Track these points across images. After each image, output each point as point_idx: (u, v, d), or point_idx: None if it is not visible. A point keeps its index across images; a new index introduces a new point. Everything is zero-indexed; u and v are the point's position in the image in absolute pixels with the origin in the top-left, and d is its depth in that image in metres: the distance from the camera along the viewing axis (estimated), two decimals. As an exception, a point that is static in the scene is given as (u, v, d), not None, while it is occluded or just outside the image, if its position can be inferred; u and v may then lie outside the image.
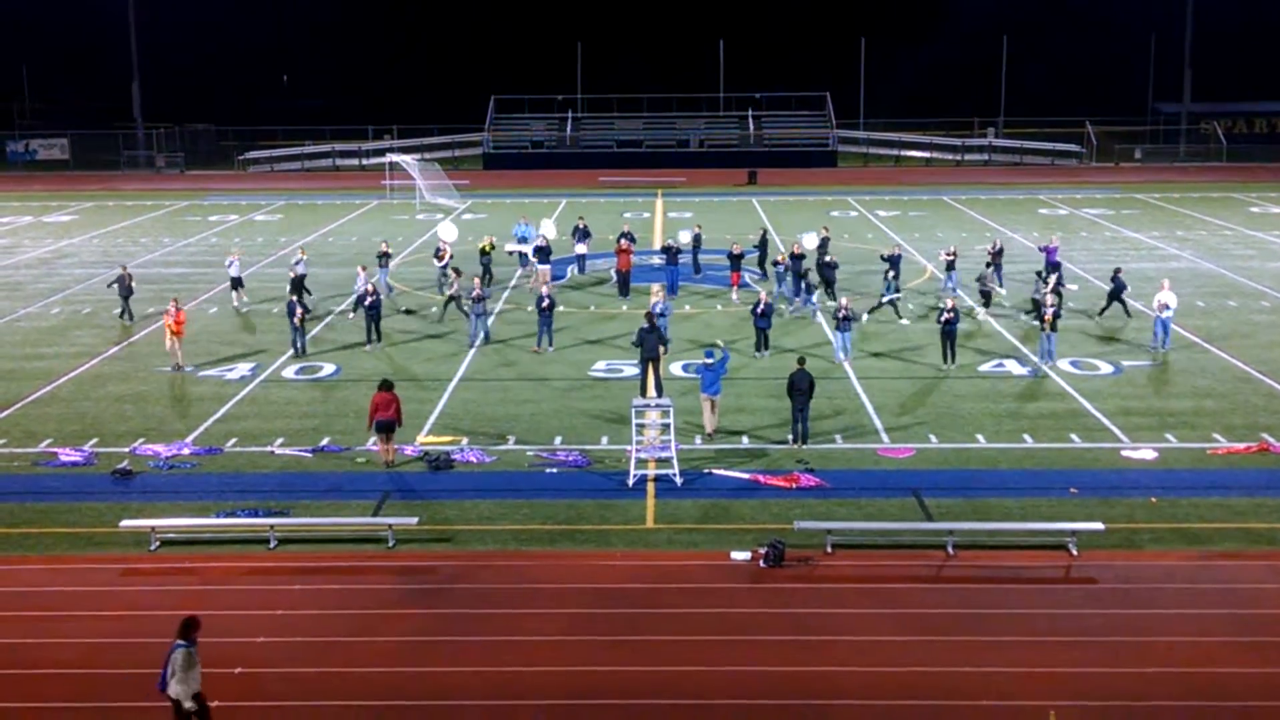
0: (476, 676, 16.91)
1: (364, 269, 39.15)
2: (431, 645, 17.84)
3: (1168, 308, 32.93)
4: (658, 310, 31.80)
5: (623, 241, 41.51)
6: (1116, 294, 37.11)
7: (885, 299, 37.30)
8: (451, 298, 37.42)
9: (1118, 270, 38.16)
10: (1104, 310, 37.38)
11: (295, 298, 33.48)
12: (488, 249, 42.27)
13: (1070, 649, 17.50)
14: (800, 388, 25.80)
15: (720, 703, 16.17)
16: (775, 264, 40.27)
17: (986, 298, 38.45)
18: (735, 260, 40.68)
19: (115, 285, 38.82)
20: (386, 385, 25.10)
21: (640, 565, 20.43)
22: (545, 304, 33.68)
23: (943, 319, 31.54)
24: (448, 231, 44.53)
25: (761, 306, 32.63)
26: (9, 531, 22.01)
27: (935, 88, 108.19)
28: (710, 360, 25.91)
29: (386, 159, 74.13)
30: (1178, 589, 19.53)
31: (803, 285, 38.26)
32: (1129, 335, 35.31)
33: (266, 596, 19.44)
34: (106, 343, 35.60)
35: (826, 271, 39.85)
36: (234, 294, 40.70)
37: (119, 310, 38.53)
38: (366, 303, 34.17)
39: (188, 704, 14.65)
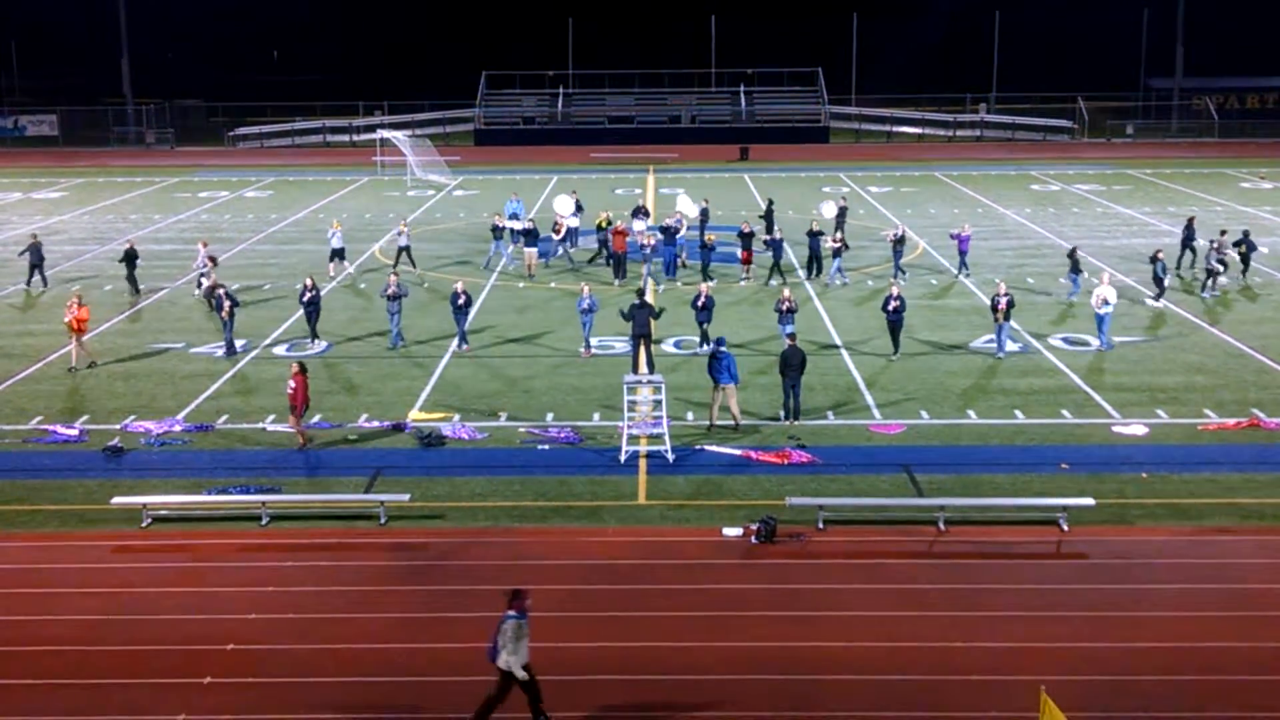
0: (469, 653, 16.88)
1: (205, 244, 39.00)
2: (423, 622, 17.86)
3: (1107, 303, 30.89)
4: (584, 306, 30.55)
5: (619, 223, 41.08)
6: (1247, 256, 38.24)
7: (1165, 281, 36.10)
8: (212, 288, 35.59)
9: (1246, 233, 39.32)
10: (1244, 272, 38.66)
11: (223, 291, 31.55)
12: (604, 225, 41.94)
13: (1061, 624, 17.55)
14: (792, 364, 25.81)
15: (712, 678, 16.20)
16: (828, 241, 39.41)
17: (1211, 275, 37.48)
18: (746, 239, 39.99)
19: (27, 254, 39.25)
20: (304, 368, 24.83)
21: (632, 541, 20.45)
22: (461, 301, 31.13)
23: (890, 307, 30.18)
24: (564, 205, 43.92)
25: (702, 299, 30.40)
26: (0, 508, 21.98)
27: (927, 64, 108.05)
28: (722, 349, 25.49)
29: (377, 135, 73.93)
30: (1168, 564, 19.58)
31: (1069, 266, 37.15)
32: (1121, 310, 35.30)
33: (258, 573, 19.43)
34: (97, 320, 35.47)
35: (814, 242, 39.55)
36: (331, 265, 41.07)
37: (27, 279, 39.30)
38: (305, 299, 31.84)
39: (520, 674, 14.65)
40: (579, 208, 45.22)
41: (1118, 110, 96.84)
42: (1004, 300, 30.13)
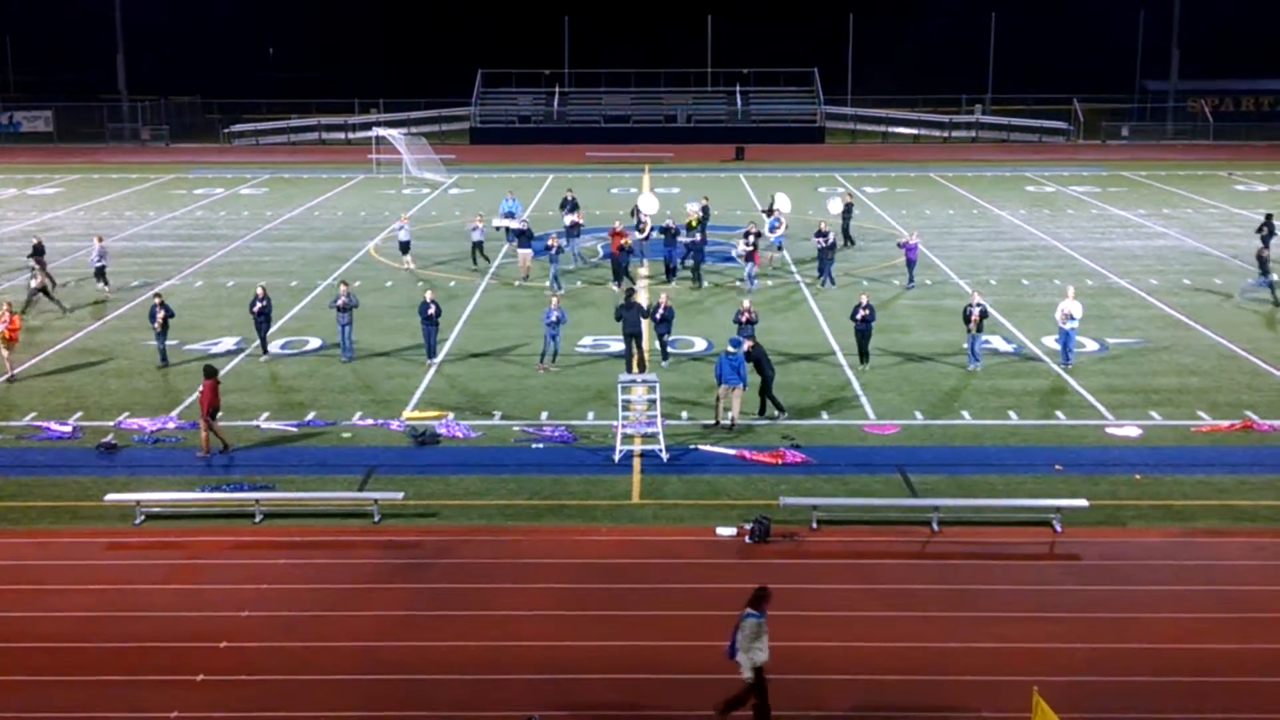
0: (462, 651, 16.93)
1: (100, 239, 39.05)
2: (416, 620, 17.86)
3: (1072, 318, 29.27)
4: (551, 319, 29.29)
5: (617, 224, 40.85)
6: None
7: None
8: (39, 289, 35.63)
9: None
10: None
11: (159, 300, 30.10)
12: (694, 224, 41.74)
13: (1054, 625, 17.58)
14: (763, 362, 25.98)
15: (705, 677, 16.19)
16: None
17: None
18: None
19: None
20: (213, 372, 24.49)
21: (626, 540, 20.45)
22: (431, 310, 29.77)
23: (858, 316, 29.23)
24: (649, 203, 43.62)
25: (660, 310, 29.50)
26: (-7, 505, 21.96)
27: (923, 64, 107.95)
28: (734, 350, 25.44)
29: (373, 133, 73.82)
30: (1161, 565, 19.62)
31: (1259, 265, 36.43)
32: (1115, 312, 35.39)
33: (251, 571, 19.43)
34: (91, 316, 35.45)
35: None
36: (404, 258, 41.28)
37: None
38: (255, 309, 30.48)
39: (747, 674, 14.63)
40: (575, 205, 45.14)
41: (1113, 112, 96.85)
42: (976, 310, 29.10)
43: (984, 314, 29.37)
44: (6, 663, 16.67)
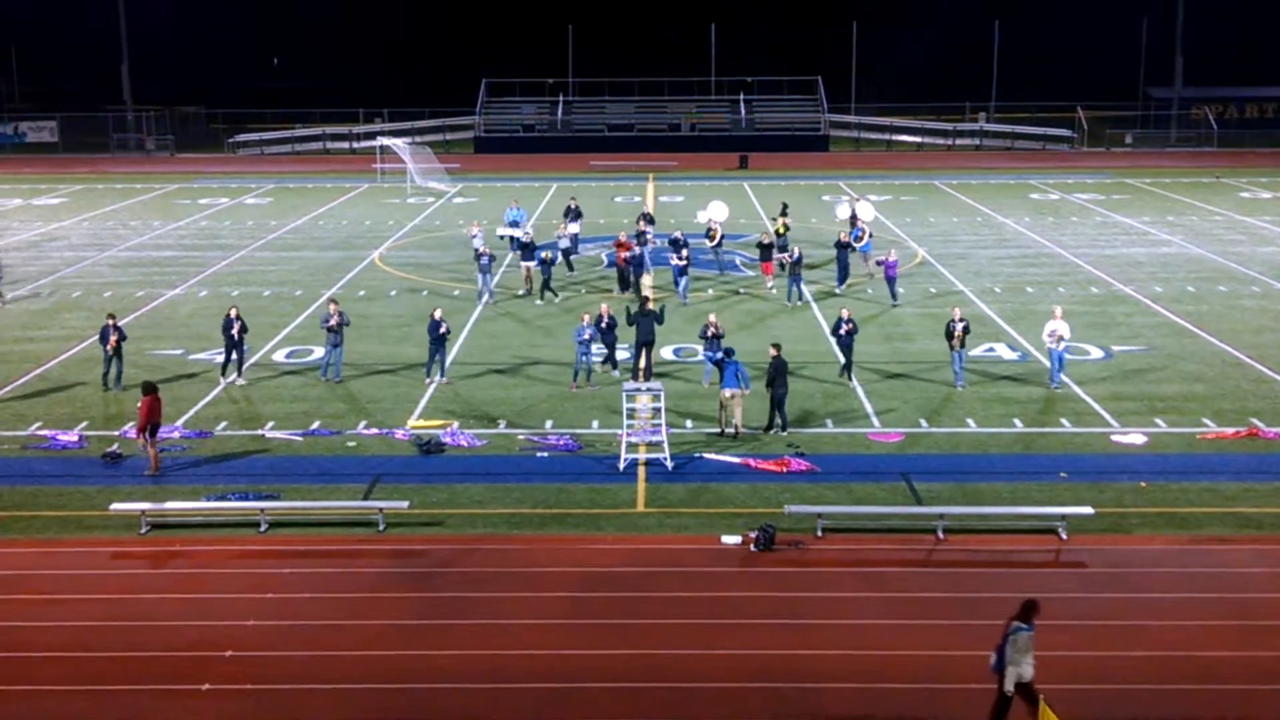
0: (467, 660, 16.93)
1: None
2: (422, 629, 17.86)
3: (1062, 339, 28.49)
4: (583, 337, 28.68)
5: (622, 234, 40.82)
6: None
7: None
8: None
9: None
10: None
11: (112, 322, 29.18)
12: (781, 230, 41.56)
13: (1059, 633, 17.52)
14: (782, 373, 25.82)
15: (710, 686, 16.20)
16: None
17: None
18: (765, 250, 39.55)
19: None
20: (152, 388, 24.07)
21: (630, 549, 20.45)
22: (443, 329, 28.94)
23: (841, 330, 28.61)
24: (719, 210, 43.51)
25: (605, 320, 29.03)
26: (-2, 515, 21.98)
27: (927, 72, 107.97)
28: (731, 357, 25.40)
29: (377, 142, 73.95)
30: (1166, 573, 19.59)
31: None
32: (1120, 320, 35.39)
33: (257, 580, 19.43)
34: (96, 326, 35.45)
35: (841, 254, 39.37)
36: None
37: None
38: (230, 330, 29.19)
39: (1009, 687, 14.61)
40: (578, 214, 45.20)
41: (1117, 119, 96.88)
42: (959, 326, 28.61)
43: (967, 330, 28.87)
44: (12, 672, 16.67)
